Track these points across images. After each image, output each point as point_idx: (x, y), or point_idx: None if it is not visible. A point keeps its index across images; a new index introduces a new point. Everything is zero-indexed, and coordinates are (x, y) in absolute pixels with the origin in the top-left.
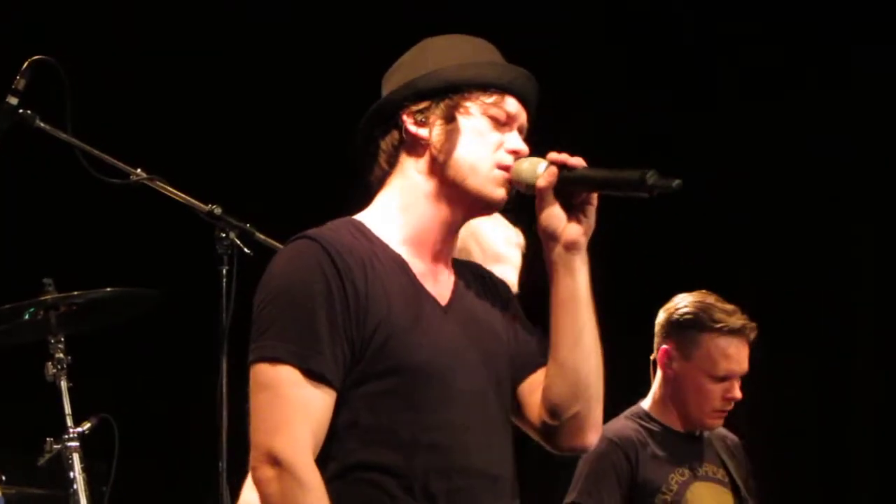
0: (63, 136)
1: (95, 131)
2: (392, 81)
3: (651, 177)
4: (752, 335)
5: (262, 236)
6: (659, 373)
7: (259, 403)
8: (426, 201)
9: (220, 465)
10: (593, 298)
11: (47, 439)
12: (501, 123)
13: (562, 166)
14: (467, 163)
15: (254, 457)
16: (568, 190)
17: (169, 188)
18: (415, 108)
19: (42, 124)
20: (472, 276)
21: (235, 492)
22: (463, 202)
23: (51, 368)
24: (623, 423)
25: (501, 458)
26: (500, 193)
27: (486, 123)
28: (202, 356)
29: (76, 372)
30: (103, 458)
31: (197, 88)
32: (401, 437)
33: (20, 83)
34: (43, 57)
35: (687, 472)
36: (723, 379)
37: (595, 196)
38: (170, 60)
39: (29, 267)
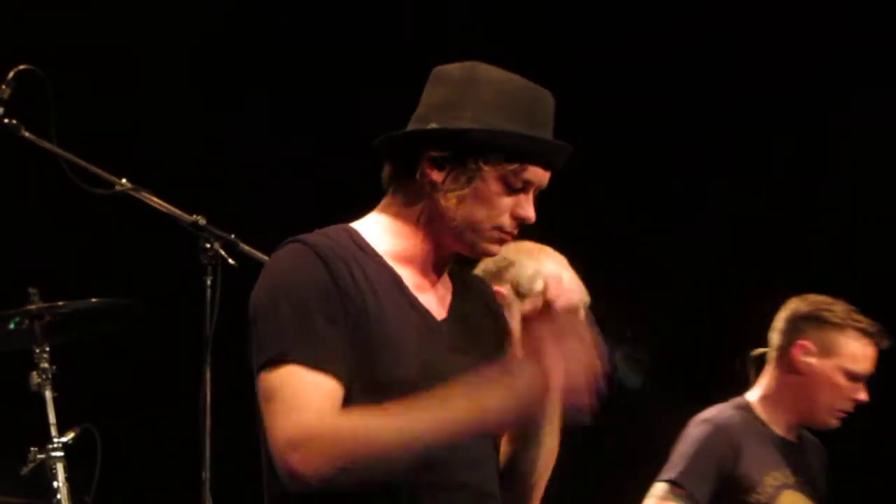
0: (47, 145)
1: (80, 141)
2: (432, 108)
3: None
4: (884, 343)
5: (246, 247)
6: (775, 368)
7: (274, 408)
8: (422, 231)
9: (204, 475)
10: None
11: (31, 449)
12: (517, 189)
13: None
14: (468, 221)
15: (278, 458)
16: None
17: (153, 198)
18: (437, 153)
19: (26, 134)
20: (472, 293)
21: (218, 502)
22: (455, 246)
23: (35, 378)
24: (731, 412)
25: (492, 475)
26: (491, 250)
27: (500, 188)
28: (186, 366)
29: (60, 381)
30: (86, 467)
31: (182, 98)
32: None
33: (5, 92)
34: (28, 66)
35: (782, 476)
36: (856, 379)
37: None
38: (155, 70)
39: (14, 276)
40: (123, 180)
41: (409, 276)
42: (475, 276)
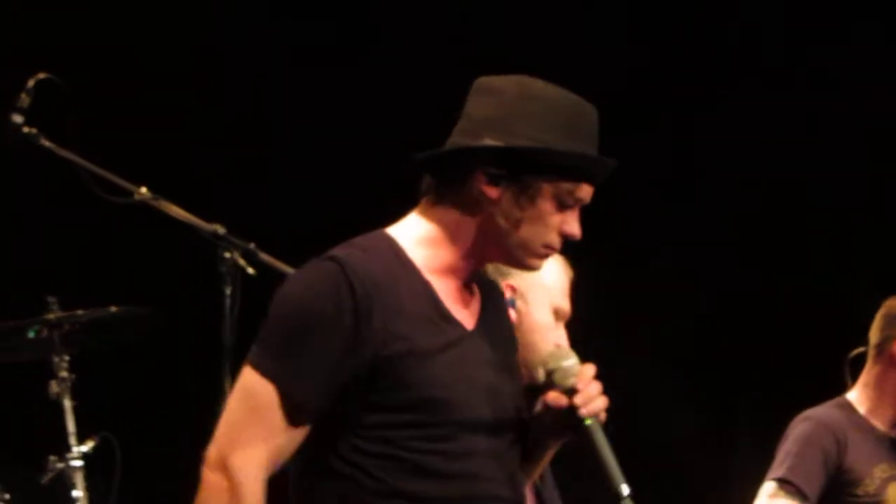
0: (67, 154)
1: (99, 149)
2: (487, 123)
3: (624, 493)
4: None
5: (265, 256)
6: (874, 365)
7: (235, 404)
8: (466, 244)
9: None
10: None
11: (50, 457)
12: (567, 206)
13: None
14: (520, 239)
15: (211, 452)
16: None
17: (173, 207)
18: (494, 169)
19: (46, 142)
20: (493, 292)
21: None
22: (499, 258)
23: (54, 387)
24: (831, 411)
25: (521, 484)
26: (536, 266)
27: (553, 206)
28: (205, 375)
29: (79, 390)
30: (104, 476)
31: (201, 107)
32: (427, 467)
33: (24, 101)
34: (47, 75)
35: (888, 468)
36: None
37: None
38: (174, 78)
39: (33, 285)
40: (143, 189)
41: (444, 288)
42: (485, 275)
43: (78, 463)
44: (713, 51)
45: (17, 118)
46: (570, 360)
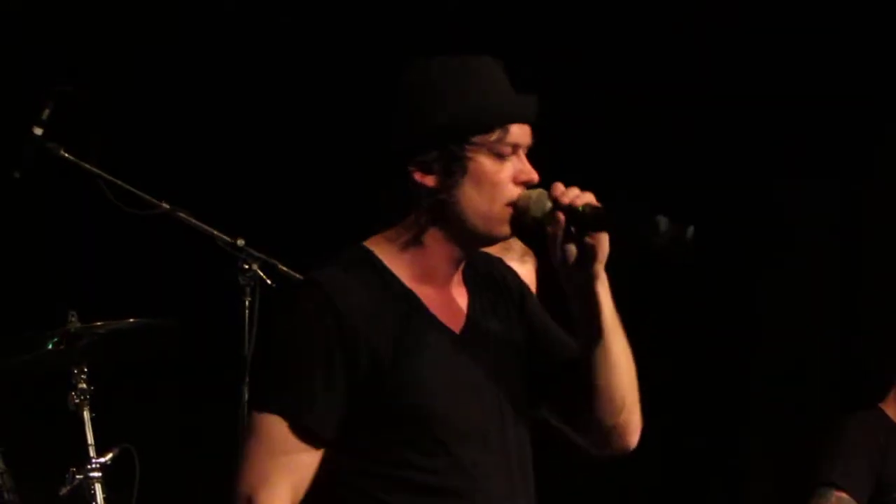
0: (87, 166)
1: (120, 162)
2: (396, 123)
3: (663, 225)
4: None
5: (284, 268)
6: None
7: (249, 449)
8: (435, 242)
9: None
10: (619, 314)
11: (70, 469)
12: (507, 156)
13: (568, 209)
14: (475, 207)
15: (240, 491)
16: (578, 229)
17: (192, 219)
18: (420, 158)
19: (66, 154)
20: (485, 282)
21: None
22: (471, 241)
23: (74, 398)
24: (868, 417)
25: (525, 495)
26: (506, 231)
27: (491, 162)
28: (224, 387)
29: (98, 402)
30: (124, 488)
31: (222, 120)
32: (418, 482)
33: (45, 113)
34: (67, 87)
35: None
36: None
37: (605, 235)
38: (194, 91)
39: (52, 297)
40: (163, 202)
41: (426, 294)
42: (483, 255)
43: (97, 475)
44: None
45: (38, 130)
46: (537, 191)
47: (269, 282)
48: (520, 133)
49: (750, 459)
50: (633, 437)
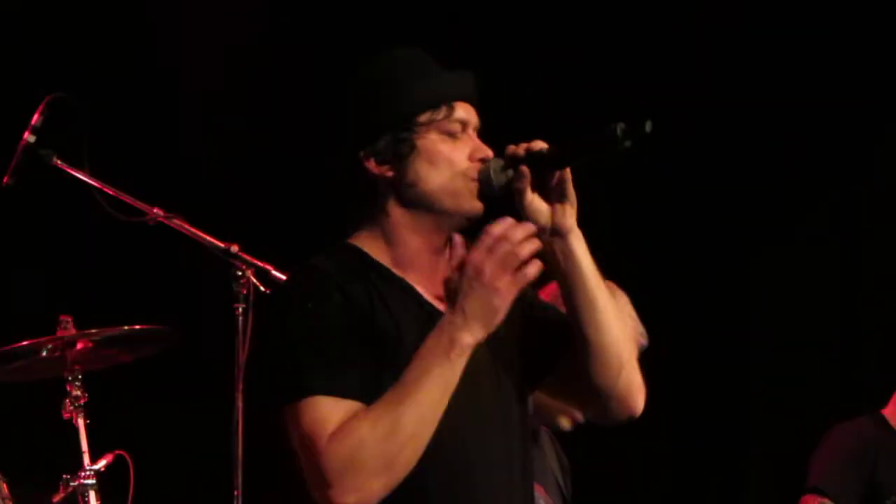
0: (79, 174)
1: (113, 169)
2: (345, 120)
3: (621, 128)
4: None
5: (278, 274)
6: None
7: (306, 446)
8: (409, 233)
9: (236, 501)
10: (598, 267)
11: (64, 476)
12: (458, 134)
13: (528, 157)
14: (438, 187)
15: (321, 498)
16: (542, 175)
17: (186, 226)
18: (371, 148)
19: (59, 162)
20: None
21: None
22: (444, 224)
23: (68, 405)
24: (863, 423)
25: (522, 497)
26: (477, 206)
27: (442, 140)
28: (218, 393)
29: (92, 409)
30: (118, 495)
31: (214, 127)
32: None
33: (38, 121)
34: (61, 95)
35: None
36: None
37: (568, 171)
38: (185, 98)
39: (46, 304)
40: (156, 208)
41: (417, 280)
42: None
43: (91, 482)
44: None
45: (31, 138)
46: (494, 159)
47: (262, 288)
48: (467, 110)
49: (750, 459)
50: (638, 400)
